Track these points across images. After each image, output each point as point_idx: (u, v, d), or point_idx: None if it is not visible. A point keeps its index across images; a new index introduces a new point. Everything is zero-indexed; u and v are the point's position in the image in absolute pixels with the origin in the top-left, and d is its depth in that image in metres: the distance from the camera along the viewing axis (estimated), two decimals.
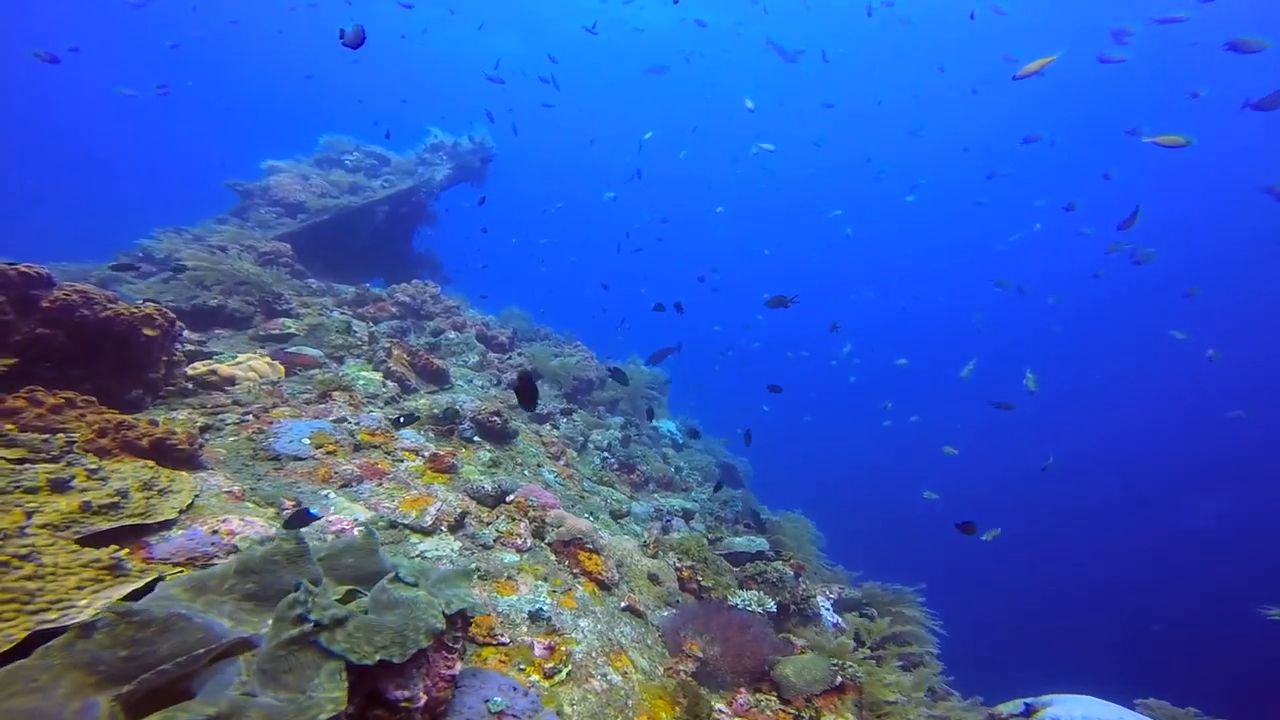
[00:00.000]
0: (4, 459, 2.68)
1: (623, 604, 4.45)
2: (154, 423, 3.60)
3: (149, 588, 2.34)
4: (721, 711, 3.56)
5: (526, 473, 6.09)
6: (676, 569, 5.41)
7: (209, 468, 3.94)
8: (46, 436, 2.98)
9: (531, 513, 4.80)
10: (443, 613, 2.31)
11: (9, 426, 2.97)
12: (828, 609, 6.12)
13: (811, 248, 53.10)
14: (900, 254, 53.69)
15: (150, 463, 3.29)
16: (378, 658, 1.95)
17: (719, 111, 34.55)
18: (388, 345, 7.30)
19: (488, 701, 2.58)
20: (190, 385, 5.38)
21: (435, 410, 5.99)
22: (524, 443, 6.82)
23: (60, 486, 2.70)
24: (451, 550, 4.12)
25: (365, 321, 8.74)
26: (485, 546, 4.30)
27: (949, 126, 34.79)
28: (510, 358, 9.54)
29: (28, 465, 2.76)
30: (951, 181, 37.72)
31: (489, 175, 16.11)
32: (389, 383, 6.66)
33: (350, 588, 2.35)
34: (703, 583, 5.29)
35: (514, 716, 2.58)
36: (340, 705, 1.78)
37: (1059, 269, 37.85)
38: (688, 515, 7.54)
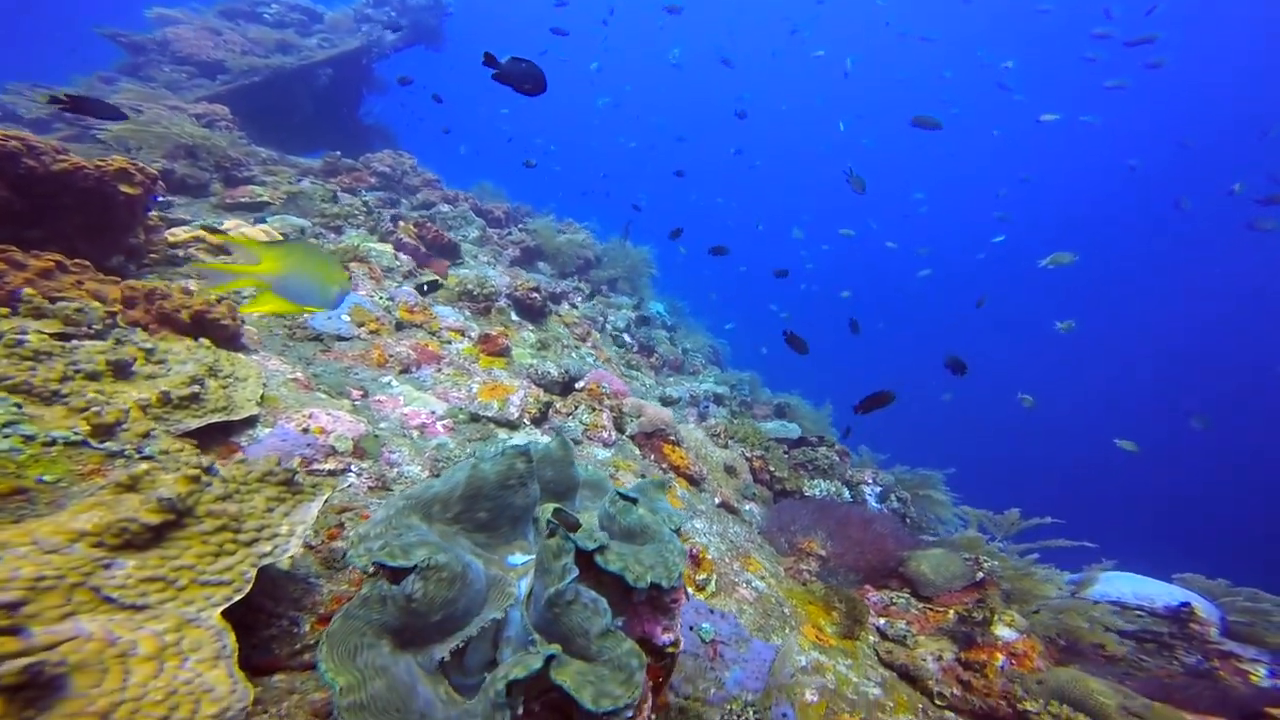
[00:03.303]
0: (42, 333, 1.95)
1: (716, 500, 4.10)
2: (188, 291, 2.85)
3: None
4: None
5: (574, 355, 5.53)
6: (747, 459, 5.09)
7: (253, 349, 3.24)
8: (80, 305, 2.23)
9: (608, 401, 4.30)
10: None
11: (30, 291, 2.19)
12: (873, 495, 6.02)
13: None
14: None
15: (207, 342, 2.58)
16: (649, 578, 1.52)
17: None
18: (392, 215, 6.38)
19: (695, 629, 2.19)
20: (178, 254, 4.50)
21: (468, 285, 5.27)
22: (552, 323, 6.22)
23: (123, 371, 2.01)
24: None
25: (349, 192, 7.67)
26: (575, 441, 3.80)
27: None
28: (510, 233, 8.67)
29: (74, 342, 2.04)
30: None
31: (446, 36, 14.09)
32: (402, 256, 5.85)
33: (555, 505, 1.85)
34: (775, 473, 5.00)
35: (724, 643, 2.21)
36: (642, 659, 1.36)
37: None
38: (719, 399, 7.23)
